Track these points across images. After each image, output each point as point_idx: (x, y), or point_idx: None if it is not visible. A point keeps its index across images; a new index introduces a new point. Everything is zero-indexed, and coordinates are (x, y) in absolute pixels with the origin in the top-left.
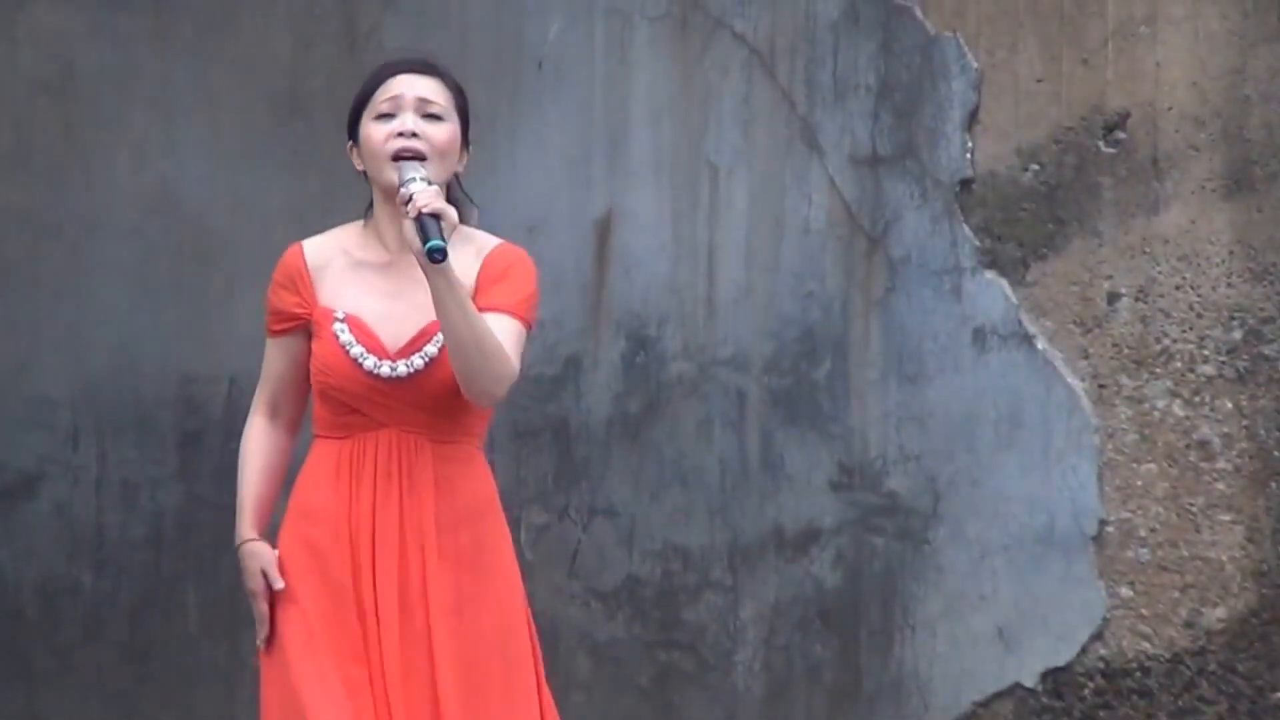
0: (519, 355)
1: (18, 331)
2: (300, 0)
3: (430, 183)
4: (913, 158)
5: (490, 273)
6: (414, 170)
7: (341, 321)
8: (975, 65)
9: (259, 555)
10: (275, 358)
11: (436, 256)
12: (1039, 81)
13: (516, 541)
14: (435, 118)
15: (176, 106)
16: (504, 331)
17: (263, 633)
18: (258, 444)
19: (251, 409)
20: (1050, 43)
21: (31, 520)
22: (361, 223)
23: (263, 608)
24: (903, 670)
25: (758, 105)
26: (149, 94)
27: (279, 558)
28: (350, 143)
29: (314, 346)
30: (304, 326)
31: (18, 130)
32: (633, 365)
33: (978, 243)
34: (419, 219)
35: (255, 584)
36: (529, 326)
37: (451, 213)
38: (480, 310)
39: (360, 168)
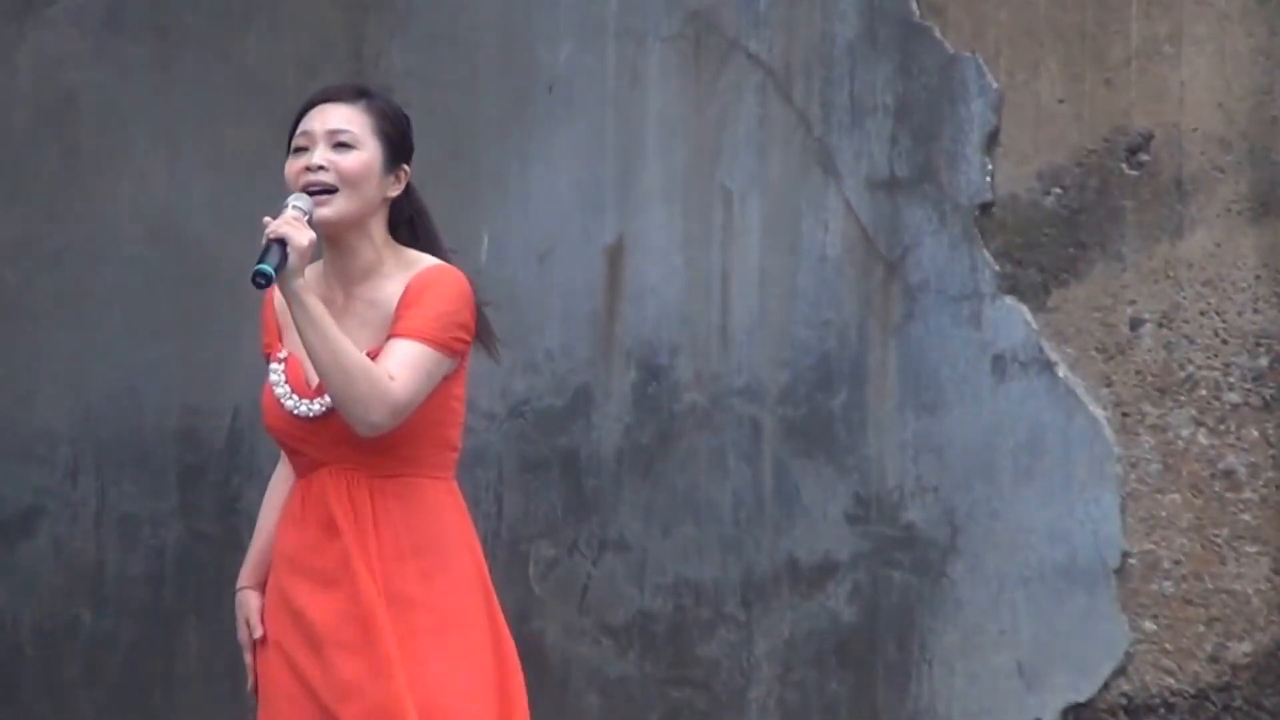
0: (414, 377)
1: (16, 363)
2: (306, 25)
3: (305, 212)
4: (931, 181)
5: (406, 298)
6: (294, 199)
7: (280, 362)
8: (995, 86)
9: (244, 605)
10: None
11: (259, 281)
12: (1060, 102)
13: (524, 576)
14: (345, 146)
15: (179, 133)
16: (396, 355)
17: (250, 681)
18: (273, 486)
19: None
20: (1072, 63)
21: (30, 556)
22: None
23: (247, 658)
24: (920, 706)
25: (772, 128)
26: (151, 121)
27: (264, 604)
28: None
29: None
30: None
31: (17, 157)
32: (644, 395)
33: (998, 268)
34: (265, 242)
35: (241, 635)
36: (440, 347)
37: (300, 240)
38: (389, 337)
39: None
